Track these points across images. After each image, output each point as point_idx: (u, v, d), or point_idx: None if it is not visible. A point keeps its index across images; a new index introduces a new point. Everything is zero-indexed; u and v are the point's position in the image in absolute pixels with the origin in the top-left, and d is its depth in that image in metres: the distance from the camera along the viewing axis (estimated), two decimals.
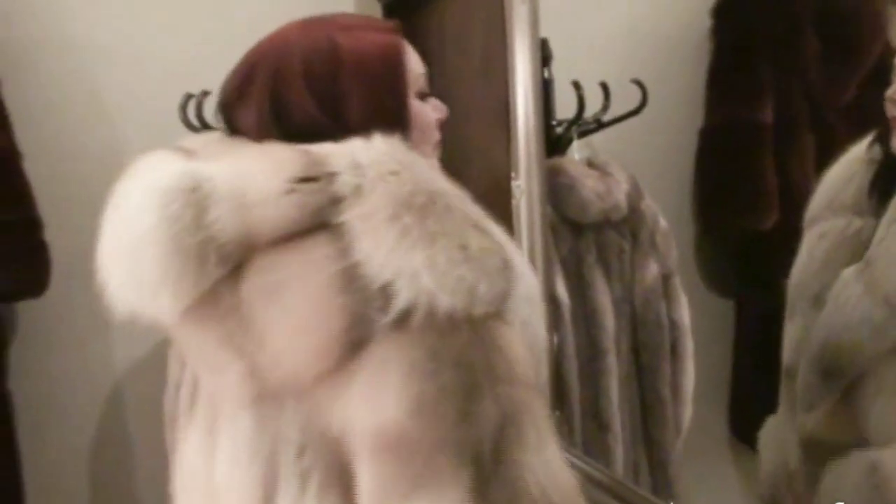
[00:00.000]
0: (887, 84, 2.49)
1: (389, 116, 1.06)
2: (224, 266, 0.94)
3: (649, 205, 2.08)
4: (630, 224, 2.03)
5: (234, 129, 1.13)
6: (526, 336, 1.00)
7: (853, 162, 1.52)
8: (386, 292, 0.90)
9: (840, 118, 2.46)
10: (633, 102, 2.23)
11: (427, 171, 1.01)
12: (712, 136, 2.43)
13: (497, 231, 1.04)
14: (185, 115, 1.99)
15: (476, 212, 1.00)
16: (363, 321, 0.90)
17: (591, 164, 2.01)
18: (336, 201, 0.95)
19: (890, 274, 1.30)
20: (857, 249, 1.44)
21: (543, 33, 1.84)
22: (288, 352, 0.94)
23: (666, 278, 2.10)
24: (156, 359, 2.22)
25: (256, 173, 0.98)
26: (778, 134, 2.36)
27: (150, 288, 0.96)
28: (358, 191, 0.95)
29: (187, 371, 1.19)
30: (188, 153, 1.08)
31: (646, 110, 2.23)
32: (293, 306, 0.93)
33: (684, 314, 2.14)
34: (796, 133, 2.38)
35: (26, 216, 2.06)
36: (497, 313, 0.94)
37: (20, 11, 2.20)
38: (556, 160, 1.95)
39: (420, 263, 0.91)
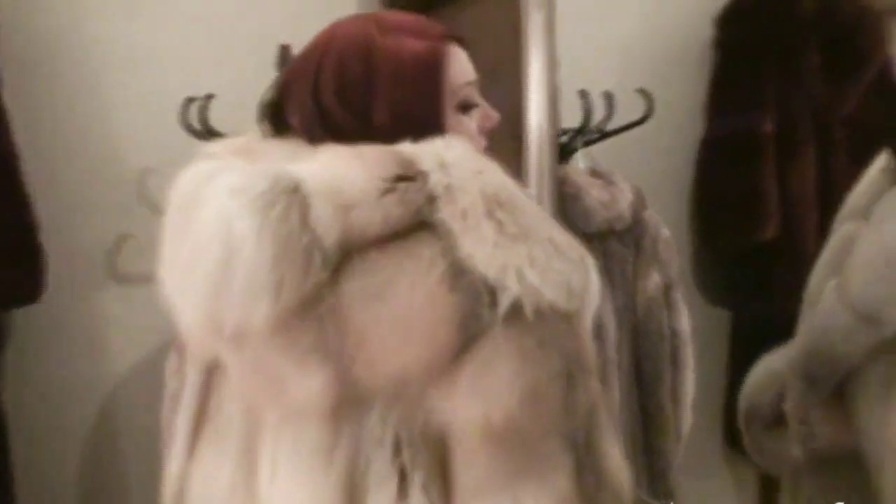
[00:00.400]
0: (889, 97, 2.52)
1: (419, 127, 1.05)
2: (327, 268, 0.92)
3: (652, 214, 2.08)
4: (633, 233, 2.02)
5: (280, 128, 1.12)
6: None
7: (873, 172, 1.53)
8: (493, 288, 0.93)
9: (842, 130, 2.47)
10: (633, 112, 2.23)
11: (500, 171, 1.02)
12: (713, 145, 2.44)
13: None
14: (185, 119, 1.96)
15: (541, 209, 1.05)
16: (474, 318, 0.92)
17: (594, 173, 2.00)
18: (432, 199, 0.96)
19: (854, 281, 1.30)
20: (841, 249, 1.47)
21: None
22: (395, 351, 0.93)
23: (667, 288, 2.09)
24: (150, 368, 2.19)
25: (350, 173, 0.96)
26: (779, 145, 2.37)
27: (246, 295, 0.92)
28: (449, 189, 0.96)
29: (189, 388, 1.16)
30: (246, 154, 1.07)
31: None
32: (402, 306, 0.93)
33: (685, 323, 2.13)
34: (797, 144, 2.39)
35: (24, 220, 2.03)
36: (582, 306, 0.98)
37: (17, 8, 2.17)
38: (561, 169, 1.94)
39: (522, 259, 0.94)
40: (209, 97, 1.87)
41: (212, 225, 0.94)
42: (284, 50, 1.96)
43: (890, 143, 2.48)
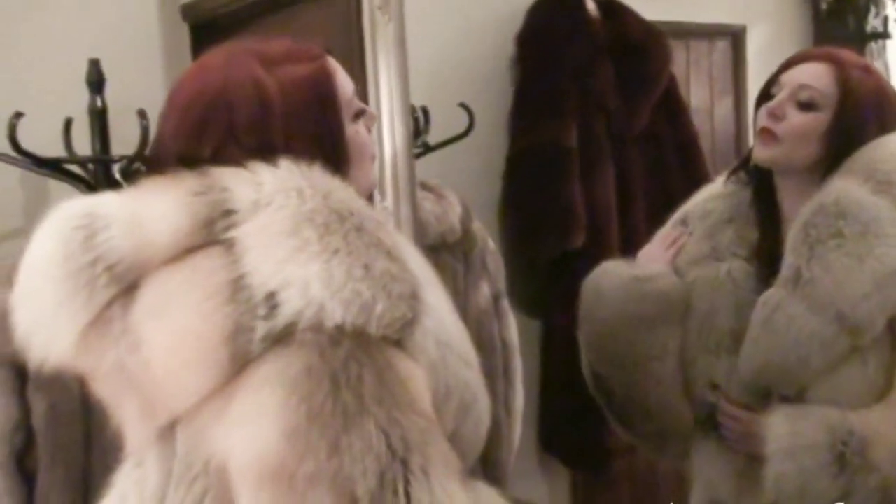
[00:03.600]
0: (677, 112, 2.70)
1: (329, 154, 1.01)
2: (114, 286, 0.91)
3: (479, 226, 2.10)
4: (463, 246, 2.04)
5: None
6: (437, 381, 0.94)
7: (715, 212, 1.60)
8: (272, 301, 0.86)
9: (635, 144, 2.61)
10: (442, 126, 2.27)
11: (343, 192, 0.96)
12: (521, 159, 2.51)
13: (421, 268, 0.99)
14: None
15: (394, 241, 0.95)
16: (245, 330, 0.85)
17: (425, 186, 2.00)
18: (228, 213, 0.91)
19: (840, 293, 1.39)
20: (733, 286, 1.53)
21: None
22: (171, 368, 0.88)
23: (496, 299, 2.13)
24: None
25: (153, 195, 0.95)
26: (582, 158, 2.47)
27: (50, 314, 0.92)
28: (255, 205, 0.92)
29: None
30: None
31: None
32: (176, 320, 0.88)
33: (514, 334, 2.17)
34: (599, 157, 2.50)
35: None
36: (397, 341, 0.89)
37: None
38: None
39: (314, 274, 0.87)
40: (18, 115, 1.71)
41: (29, 258, 0.96)
42: (94, 65, 1.83)
43: (677, 155, 2.68)
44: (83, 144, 1.88)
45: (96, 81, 1.83)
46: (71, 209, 0.95)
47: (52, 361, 0.94)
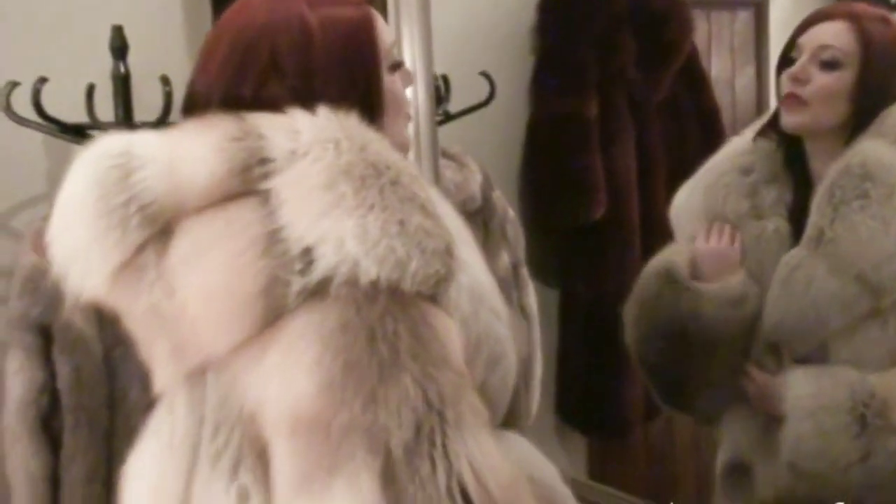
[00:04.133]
0: (697, 83, 2.68)
1: (364, 99, 1.02)
2: (147, 228, 0.92)
3: (499, 195, 2.11)
4: (483, 215, 2.04)
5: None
6: (468, 334, 0.97)
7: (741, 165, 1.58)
8: (308, 257, 0.87)
9: (656, 115, 2.61)
10: (464, 94, 2.26)
11: (379, 145, 0.96)
12: (541, 128, 2.51)
13: (454, 223, 1.01)
14: (8, 105, 1.78)
15: (429, 195, 0.95)
16: (280, 284, 0.86)
17: (445, 154, 2.00)
18: (264, 161, 0.92)
19: (863, 254, 1.39)
20: (779, 244, 1.52)
21: None
22: (204, 317, 0.90)
23: (515, 268, 2.13)
24: None
25: (190, 138, 0.96)
26: (602, 128, 2.47)
27: (82, 253, 0.94)
28: (292, 155, 0.92)
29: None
30: None
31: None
32: (211, 270, 0.89)
33: (532, 302, 2.18)
34: (619, 128, 2.50)
35: None
36: (431, 297, 0.90)
37: None
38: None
39: (349, 230, 0.87)
40: (42, 80, 1.72)
41: (64, 195, 0.97)
42: (117, 31, 1.83)
43: (698, 126, 2.67)
44: (106, 110, 1.89)
45: (119, 47, 1.83)
46: (108, 146, 0.96)
47: (86, 296, 0.96)
